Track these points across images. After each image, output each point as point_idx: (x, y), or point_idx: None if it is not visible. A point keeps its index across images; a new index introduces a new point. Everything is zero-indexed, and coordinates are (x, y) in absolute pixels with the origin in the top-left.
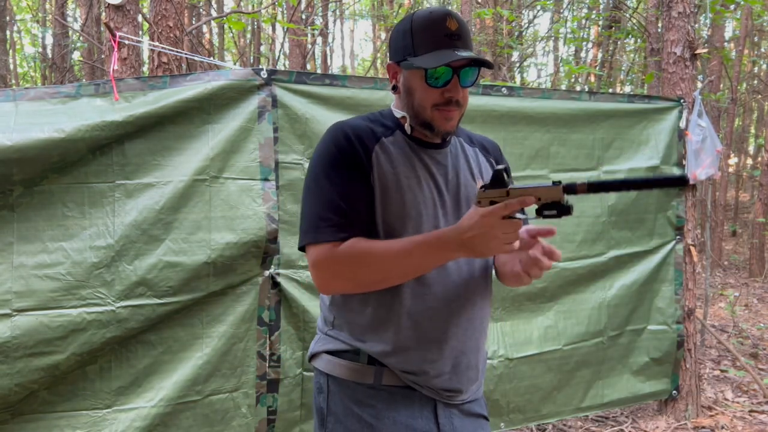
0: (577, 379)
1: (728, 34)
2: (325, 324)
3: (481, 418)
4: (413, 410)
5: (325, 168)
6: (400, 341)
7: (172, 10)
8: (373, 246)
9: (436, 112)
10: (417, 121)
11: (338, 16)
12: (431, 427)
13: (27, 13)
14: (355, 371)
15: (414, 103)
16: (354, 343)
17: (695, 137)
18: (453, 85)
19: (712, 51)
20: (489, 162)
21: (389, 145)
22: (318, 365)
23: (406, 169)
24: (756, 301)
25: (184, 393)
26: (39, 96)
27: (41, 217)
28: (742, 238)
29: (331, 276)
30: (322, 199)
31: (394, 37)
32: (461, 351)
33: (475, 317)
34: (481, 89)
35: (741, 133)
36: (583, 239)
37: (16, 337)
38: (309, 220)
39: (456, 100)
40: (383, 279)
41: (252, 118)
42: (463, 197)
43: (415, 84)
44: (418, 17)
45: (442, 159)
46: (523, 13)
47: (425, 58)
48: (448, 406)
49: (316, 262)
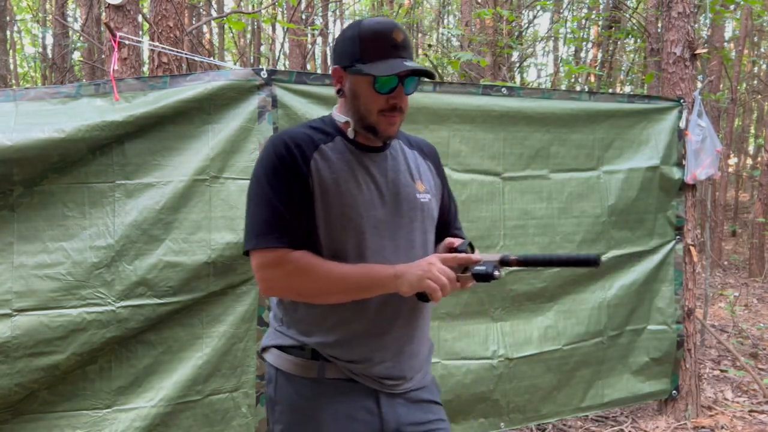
0: (577, 379)
1: (728, 34)
2: (275, 320)
3: (431, 404)
4: (355, 402)
5: (267, 177)
6: (347, 332)
7: (172, 10)
8: (322, 264)
9: (382, 118)
10: (361, 125)
11: (338, 16)
12: (373, 418)
13: (27, 13)
14: (300, 366)
15: (360, 107)
16: (300, 339)
17: (695, 137)
18: (398, 92)
19: (712, 51)
20: (427, 164)
21: (328, 151)
22: (268, 359)
23: (345, 173)
24: (756, 301)
25: (185, 393)
26: (39, 96)
27: (41, 217)
28: (741, 238)
29: (274, 281)
30: (265, 207)
31: (341, 42)
32: (405, 340)
33: (417, 307)
34: (481, 89)
35: (741, 133)
36: (583, 239)
37: (17, 337)
38: (253, 226)
39: (400, 107)
40: (326, 294)
41: (252, 118)
42: (403, 198)
43: (361, 90)
44: (367, 26)
45: (382, 162)
46: (523, 13)
47: (375, 66)
48: (391, 396)
49: (261, 267)
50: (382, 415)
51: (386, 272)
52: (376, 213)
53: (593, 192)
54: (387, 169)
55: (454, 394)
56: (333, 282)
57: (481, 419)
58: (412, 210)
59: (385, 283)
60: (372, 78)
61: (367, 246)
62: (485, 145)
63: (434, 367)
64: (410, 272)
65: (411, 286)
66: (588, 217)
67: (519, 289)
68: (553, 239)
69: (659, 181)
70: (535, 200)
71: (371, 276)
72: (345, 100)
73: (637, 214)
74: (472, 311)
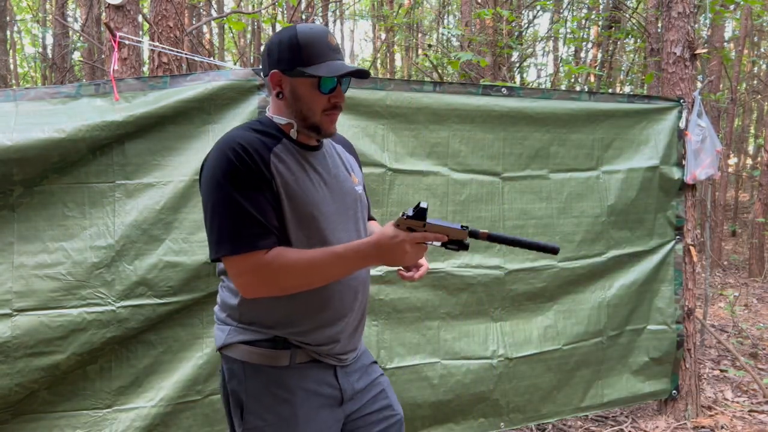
0: (576, 379)
1: (728, 34)
2: (231, 319)
3: (371, 365)
4: (318, 379)
5: (231, 182)
6: (316, 320)
7: (173, 11)
8: (299, 256)
9: (324, 117)
10: (305, 125)
11: (338, 16)
12: (334, 391)
13: (27, 13)
14: (271, 357)
15: (302, 108)
16: (268, 332)
17: (695, 137)
18: (338, 91)
19: (711, 51)
20: (353, 158)
21: (281, 153)
22: (232, 354)
23: (300, 173)
24: (756, 301)
25: (185, 393)
26: (39, 96)
27: (42, 217)
28: (741, 238)
29: (259, 283)
30: (235, 212)
31: (277, 47)
32: (359, 318)
33: (366, 288)
34: (481, 89)
35: (741, 133)
36: (583, 239)
37: (17, 336)
38: (225, 232)
39: (340, 105)
40: (307, 285)
41: (252, 118)
42: (346, 192)
43: (303, 91)
44: (304, 32)
45: (322, 159)
46: (522, 13)
47: (318, 67)
48: (344, 368)
49: (242, 271)
50: (341, 386)
51: (364, 258)
52: (329, 208)
53: (593, 192)
54: (329, 165)
55: (454, 394)
56: (314, 272)
57: (480, 419)
58: (353, 201)
59: (363, 266)
60: (315, 79)
61: (327, 240)
62: (485, 145)
63: (434, 367)
64: (388, 258)
65: (389, 265)
66: (587, 217)
67: (519, 289)
68: (552, 239)
69: (659, 181)
70: (534, 200)
71: (348, 261)
72: (285, 102)
73: (636, 214)
74: (472, 311)
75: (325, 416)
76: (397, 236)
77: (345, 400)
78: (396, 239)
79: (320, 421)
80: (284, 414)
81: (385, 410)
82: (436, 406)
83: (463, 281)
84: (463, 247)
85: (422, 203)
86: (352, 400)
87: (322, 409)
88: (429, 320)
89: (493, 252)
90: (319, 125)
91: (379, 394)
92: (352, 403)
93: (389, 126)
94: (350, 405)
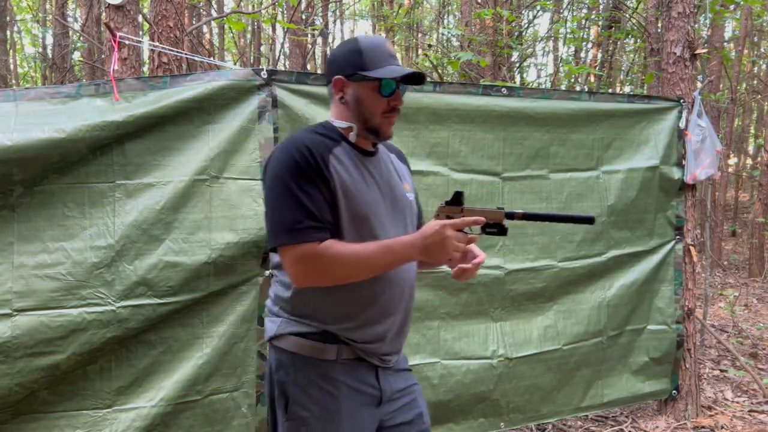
0: (576, 379)
1: (728, 34)
2: (283, 311)
3: (407, 371)
4: (361, 378)
5: (292, 178)
6: (365, 317)
7: (173, 11)
8: (349, 247)
9: (384, 119)
10: (365, 127)
11: (338, 16)
12: (375, 391)
13: (27, 13)
14: (320, 350)
15: (364, 111)
16: (319, 326)
17: (695, 137)
18: (397, 94)
19: (711, 51)
20: (404, 166)
21: (340, 155)
22: (282, 345)
23: (357, 175)
24: (756, 301)
25: (185, 393)
26: (39, 96)
27: (41, 217)
28: (741, 238)
29: (310, 272)
30: (293, 206)
31: (341, 56)
32: (404, 319)
33: (413, 290)
34: (481, 89)
35: (741, 133)
36: (583, 239)
37: (17, 336)
38: (284, 223)
39: (398, 108)
40: (356, 275)
41: (252, 119)
42: (398, 197)
43: (365, 95)
44: (364, 40)
45: (377, 165)
46: (522, 13)
47: (378, 71)
48: (385, 369)
49: (297, 261)
50: (381, 387)
51: (409, 249)
52: (380, 211)
53: (593, 192)
54: (382, 171)
55: (454, 394)
56: (362, 263)
57: (480, 419)
58: (404, 207)
59: (408, 258)
60: (376, 83)
61: (379, 240)
62: (485, 145)
63: (434, 367)
64: (432, 248)
65: (438, 260)
66: None
67: (519, 289)
68: (552, 239)
69: (659, 181)
70: (534, 200)
71: (395, 252)
72: (347, 107)
73: (636, 214)
74: (472, 311)
75: (365, 414)
76: (437, 224)
77: (383, 401)
78: (436, 227)
79: (361, 418)
80: (329, 407)
81: (416, 421)
82: (436, 406)
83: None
84: (502, 231)
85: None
86: (389, 402)
87: (363, 407)
88: (429, 320)
89: (493, 252)
90: (378, 128)
91: (412, 402)
92: (388, 405)
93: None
94: (386, 407)
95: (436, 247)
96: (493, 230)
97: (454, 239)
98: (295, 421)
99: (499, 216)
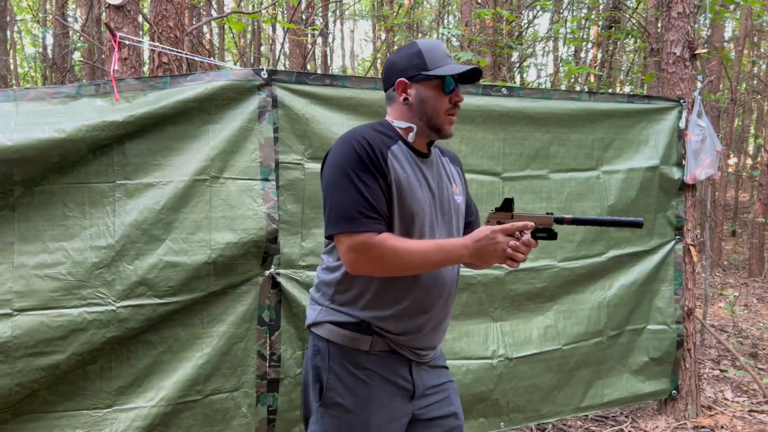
0: (576, 379)
1: (728, 34)
2: (324, 299)
3: (442, 368)
4: (394, 370)
5: (352, 168)
6: (401, 308)
7: (173, 11)
8: (404, 242)
9: (446, 117)
10: (428, 125)
11: (338, 16)
12: (407, 384)
13: (27, 13)
14: (354, 340)
15: (428, 110)
16: (357, 315)
17: (695, 137)
18: (457, 90)
19: (711, 51)
20: (456, 170)
21: (397, 153)
22: (320, 332)
23: (411, 173)
24: (756, 301)
25: (185, 393)
26: (39, 96)
27: (42, 217)
28: (741, 238)
29: (365, 261)
30: (354, 195)
31: (403, 58)
32: (442, 316)
33: (453, 289)
34: (481, 89)
35: (741, 133)
36: (583, 239)
37: (17, 336)
38: (342, 211)
39: (459, 104)
40: (408, 269)
41: (252, 119)
42: (446, 199)
43: (428, 94)
44: (424, 44)
45: (430, 166)
46: (522, 13)
47: (442, 69)
48: (419, 364)
49: (354, 249)
50: (414, 381)
51: (460, 251)
52: (430, 210)
53: (593, 192)
54: (434, 172)
55: None
56: (415, 258)
57: (480, 419)
58: (451, 209)
59: (459, 259)
60: (439, 81)
61: (425, 238)
62: (485, 145)
63: None
64: (483, 252)
65: (488, 263)
66: None
67: (519, 289)
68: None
69: (659, 181)
70: (534, 200)
71: (447, 252)
72: (410, 107)
73: (636, 214)
74: (472, 311)
75: (397, 405)
76: (488, 229)
77: (416, 396)
78: (487, 231)
79: (393, 408)
80: (362, 395)
81: (449, 418)
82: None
83: (463, 281)
84: (551, 235)
85: (508, 197)
86: (422, 397)
87: (395, 398)
88: None
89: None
90: (441, 126)
91: (446, 399)
92: (420, 401)
93: None
94: (419, 402)
95: (486, 251)
96: (543, 235)
97: (504, 243)
98: (328, 407)
99: (549, 221)
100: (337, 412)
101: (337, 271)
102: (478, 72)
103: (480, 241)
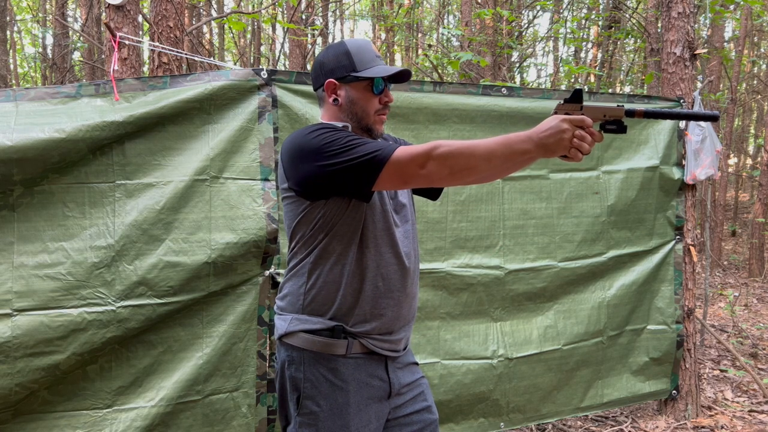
0: (576, 379)
1: (728, 35)
2: (292, 309)
3: (413, 365)
4: (371, 371)
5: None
6: (376, 309)
7: (173, 11)
8: (462, 142)
9: (377, 117)
10: (359, 126)
11: (338, 16)
12: (384, 384)
13: (27, 13)
14: (330, 345)
15: (358, 111)
16: (329, 323)
17: (695, 137)
18: (386, 91)
19: (711, 51)
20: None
21: None
22: (293, 342)
23: None
24: (755, 301)
25: (185, 393)
26: (39, 96)
27: (42, 217)
28: (741, 238)
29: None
30: (361, 140)
31: (331, 59)
32: (412, 312)
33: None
34: (481, 89)
35: (741, 133)
36: (583, 239)
37: (17, 336)
38: (371, 150)
39: (389, 105)
40: (473, 160)
41: (252, 119)
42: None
43: (358, 95)
44: (352, 44)
45: None
46: (522, 13)
47: (369, 71)
48: (393, 361)
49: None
50: (390, 380)
51: (525, 144)
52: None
53: (593, 192)
54: None
55: (454, 394)
56: (479, 152)
57: (480, 419)
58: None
59: (524, 151)
60: (368, 82)
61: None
62: None
63: (434, 367)
64: (550, 140)
65: (554, 153)
66: (587, 217)
67: (519, 289)
68: (552, 239)
69: (659, 181)
70: (534, 200)
71: (510, 146)
72: (340, 108)
73: (636, 214)
74: (472, 311)
75: (374, 408)
76: (554, 118)
77: (392, 394)
78: (553, 122)
79: (370, 411)
80: (339, 401)
81: (424, 412)
82: (436, 406)
83: (463, 281)
84: (621, 128)
85: (578, 88)
86: (398, 395)
87: (372, 401)
88: (429, 320)
89: (493, 252)
90: (371, 126)
91: (420, 394)
92: (397, 398)
93: (389, 126)
94: (395, 400)
95: (552, 141)
96: (613, 127)
97: (571, 133)
98: (306, 415)
99: (619, 112)
100: (315, 420)
101: (303, 276)
102: (407, 73)
103: (546, 131)
